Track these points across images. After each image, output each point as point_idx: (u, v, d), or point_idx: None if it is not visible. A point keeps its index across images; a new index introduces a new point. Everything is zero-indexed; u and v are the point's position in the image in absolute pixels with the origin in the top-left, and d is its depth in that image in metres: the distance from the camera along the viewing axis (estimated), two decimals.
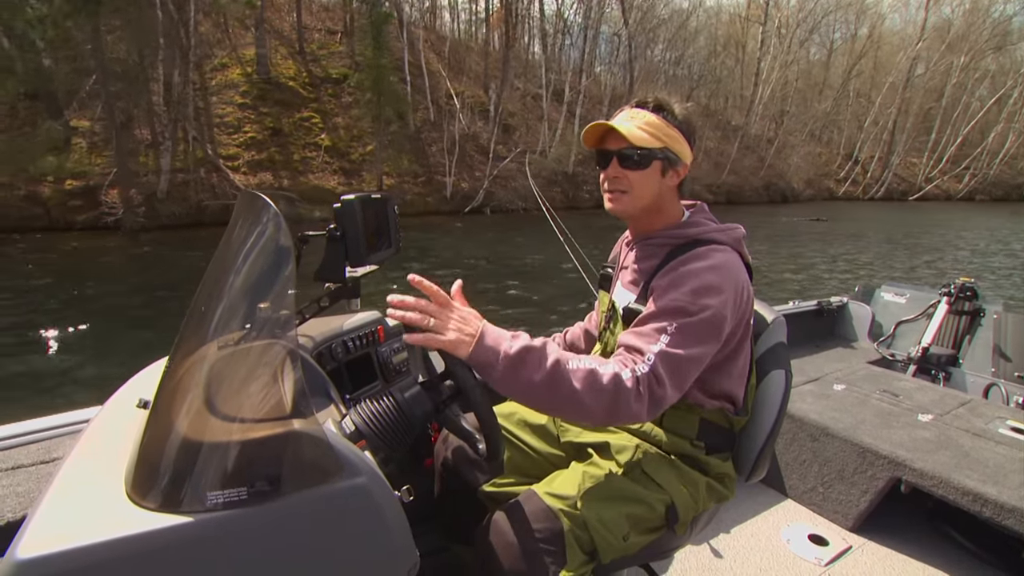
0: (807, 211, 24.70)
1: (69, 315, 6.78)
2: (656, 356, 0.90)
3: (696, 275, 0.97)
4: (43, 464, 1.15)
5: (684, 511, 1.04)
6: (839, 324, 3.21)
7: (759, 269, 11.53)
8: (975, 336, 2.86)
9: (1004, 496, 1.51)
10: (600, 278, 1.30)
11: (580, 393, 0.85)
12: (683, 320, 0.93)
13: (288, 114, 17.03)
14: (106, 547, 0.56)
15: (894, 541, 1.78)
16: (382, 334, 1.38)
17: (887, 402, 2.17)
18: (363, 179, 16.85)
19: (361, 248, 1.11)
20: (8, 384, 5.00)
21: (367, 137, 17.55)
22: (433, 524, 1.30)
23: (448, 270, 9.56)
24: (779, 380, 1.15)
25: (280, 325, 0.69)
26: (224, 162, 14.82)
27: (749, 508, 1.94)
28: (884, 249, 14.88)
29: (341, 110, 18.19)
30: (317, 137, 17.02)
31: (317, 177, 16.18)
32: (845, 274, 11.10)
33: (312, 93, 18.05)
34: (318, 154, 16.64)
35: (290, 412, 0.65)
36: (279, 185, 15.10)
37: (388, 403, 0.84)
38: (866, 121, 36.33)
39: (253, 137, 15.94)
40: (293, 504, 0.63)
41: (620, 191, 1.06)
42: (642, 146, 1.01)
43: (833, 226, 19.80)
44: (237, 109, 16.12)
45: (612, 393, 0.86)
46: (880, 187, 35.34)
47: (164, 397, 0.70)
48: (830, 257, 13.16)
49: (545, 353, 0.86)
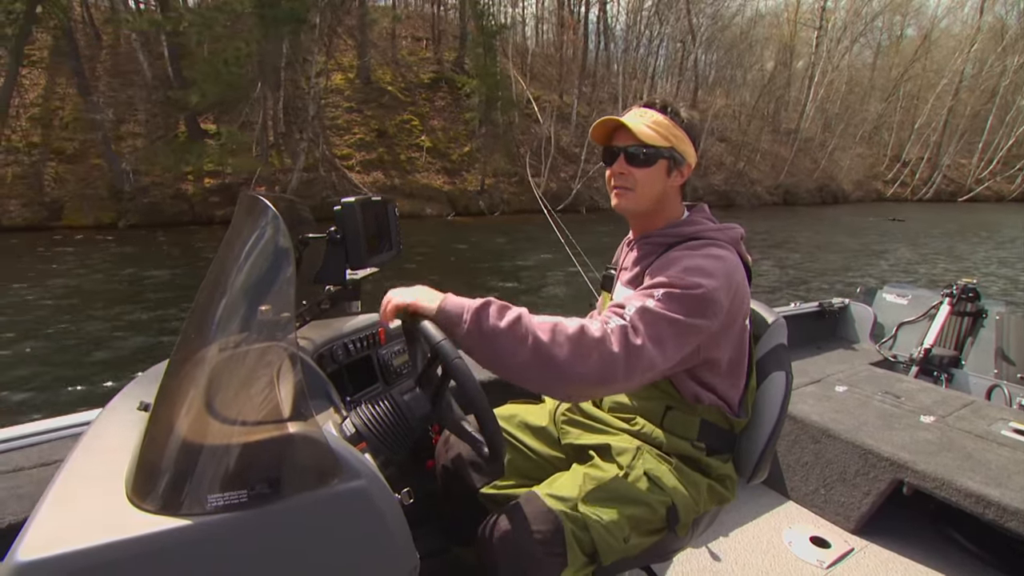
0: (859, 211, 25.90)
1: None
2: (635, 311, 0.90)
3: (688, 258, 0.98)
4: (44, 467, 1.15)
5: (685, 513, 1.04)
6: (841, 325, 3.21)
7: (925, 257, 12.79)
8: (977, 337, 2.85)
9: (1007, 498, 1.51)
10: (603, 279, 1.31)
11: (545, 342, 0.83)
12: (670, 289, 0.93)
13: (389, 117, 18.40)
14: (107, 549, 0.56)
15: (896, 543, 1.78)
16: (383, 336, 1.39)
17: (889, 403, 2.16)
18: (464, 178, 18.14)
19: (361, 251, 1.12)
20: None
21: (463, 139, 19.07)
22: (434, 526, 1.30)
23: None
24: (780, 382, 1.14)
25: (280, 327, 0.69)
26: (339, 162, 16.18)
27: (750, 510, 1.93)
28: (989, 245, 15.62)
29: (435, 113, 19.68)
30: (418, 139, 18.35)
31: (423, 176, 17.41)
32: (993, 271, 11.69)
33: (408, 97, 19.55)
34: (421, 155, 17.96)
35: (290, 415, 0.65)
36: (391, 184, 16.44)
37: (388, 405, 0.84)
38: (917, 123, 36.49)
39: (362, 139, 17.36)
40: (293, 507, 0.63)
41: (626, 188, 1.07)
42: (649, 144, 1.02)
43: (911, 225, 20.41)
44: (344, 113, 17.50)
45: (576, 340, 0.84)
46: (929, 188, 35.43)
47: (164, 400, 0.71)
48: (952, 253, 14.03)
49: (509, 307, 0.87)
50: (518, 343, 0.84)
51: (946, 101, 35.75)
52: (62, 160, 13.28)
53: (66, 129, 13.77)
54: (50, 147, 13.33)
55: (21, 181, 12.54)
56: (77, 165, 13.28)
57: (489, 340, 0.84)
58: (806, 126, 31.71)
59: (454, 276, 8.78)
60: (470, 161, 18.42)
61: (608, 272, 1.29)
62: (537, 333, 0.84)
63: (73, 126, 13.78)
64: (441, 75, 20.42)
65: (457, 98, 19.75)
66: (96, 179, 13.10)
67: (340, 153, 16.50)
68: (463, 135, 19.09)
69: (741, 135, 28.32)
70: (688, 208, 1.15)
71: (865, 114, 35.30)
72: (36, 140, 13.25)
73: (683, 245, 1.04)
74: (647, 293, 0.93)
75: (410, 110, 19.04)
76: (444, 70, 20.69)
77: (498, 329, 0.84)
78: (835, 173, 31.88)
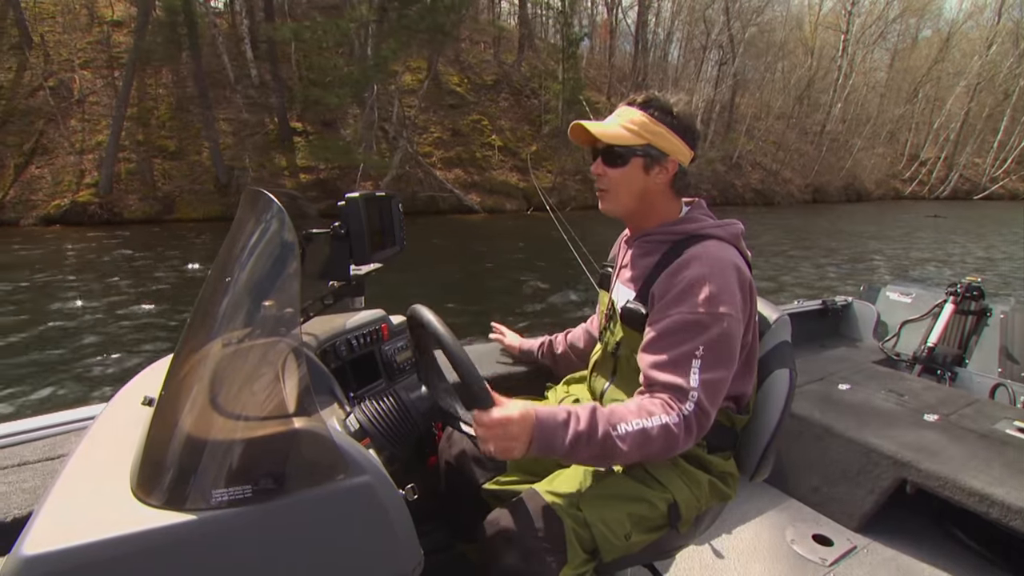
0: (888, 208, 27.78)
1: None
2: (699, 390, 0.91)
3: (702, 281, 0.95)
4: (48, 461, 1.15)
5: (686, 510, 1.04)
6: (844, 323, 3.20)
7: (1011, 255, 13.45)
8: (981, 336, 2.84)
9: (1011, 497, 1.50)
10: (600, 277, 1.30)
11: (632, 454, 0.89)
12: (705, 337, 0.93)
13: (460, 117, 19.44)
14: (111, 544, 0.56)
15: (899, 542, 1.78)
16: (386, 332, 1.38)
17: (892, 402, 2.16)
18: (536, 176, 19.35)
19: (366, 246, 1.11)
20: None
21: (528, 139, 20.41)
22: (437, 522, 1.30)
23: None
24: (783, 379, 1.14)
25: (284, 323, 0.69)
26: (423, 159, 17.16)
27: (753, 508, 1.93)
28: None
29: (501, 114, 20.82)
30: (489, 138, 19.44)
31: (499, 173, 18.45)
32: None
33: (475, 98, 20.60)
34: (493, 153, 19.02)
35: (294, 410, 0.66)
36: (471, 180, 17.59)
37: (392, 401, 0.84)
38: (935, 123, 37.73)
39: (439, 137, 18.38)
40: (297, 502, 0.63)
41: (603, 189, 1.08)
42: (617, 144, 1.02)
43: (957, 223, 21.26)
44: (420, 112, 18.20)
45: (663, 443, 0.89)
46: (946, 187, 36.54)
47: (169, 394, 0.71)
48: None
49: (595, 430, 0.87)
50: (610, 462, 0.94)
51: (964, 102, 36.67)
52: (166, 157, 14.24)
53: (164, 128, 14.76)
54: (153, 144, 14.26)
55: (134, 177, 13.55)
56: (180, 162, 14.25)
57: (580, 462, 0.95)
58: (831, 127, 32.83)
59: (551, 258, 9.71)
60: (537, 159, 19.69)
61: (605, 270, 1.28)
62: (624, 450, 0.88)
63: (170, 124, 14.82)
64: (502, 77, 21.82)
65: (519, 99, 21.24)
66: (200, 175, 14.11)
67: (422, 151, 17.44)
68: (528, 135, 20.44)
69: (778, 136, 29.66)
70: (686, 204, 1.13)
71: (887, 115, 36.30)
72: (140, 138, 14.18)
73: (687, 251, 1.00)
74: (688, 353, 0.93)
75: (478, 110, 20.09)
76: (504, 72, 22.05)
77: (590, 461, 0.93)
78: (858, 172, 33.13)
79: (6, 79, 14.53)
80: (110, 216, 12.83)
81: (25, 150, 13.38)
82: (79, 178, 13.17)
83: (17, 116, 13.97)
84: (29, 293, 7.25)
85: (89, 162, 13.52)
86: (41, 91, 14.43)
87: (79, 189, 12.98)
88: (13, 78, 14.64)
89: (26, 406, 4.06)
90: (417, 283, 7.51)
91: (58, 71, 15.00)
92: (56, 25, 15.97)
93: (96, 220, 12.66)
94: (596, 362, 1.22)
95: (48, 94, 14.32)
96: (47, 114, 14.11)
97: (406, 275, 7.54)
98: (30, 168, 13.21)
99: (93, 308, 6.63)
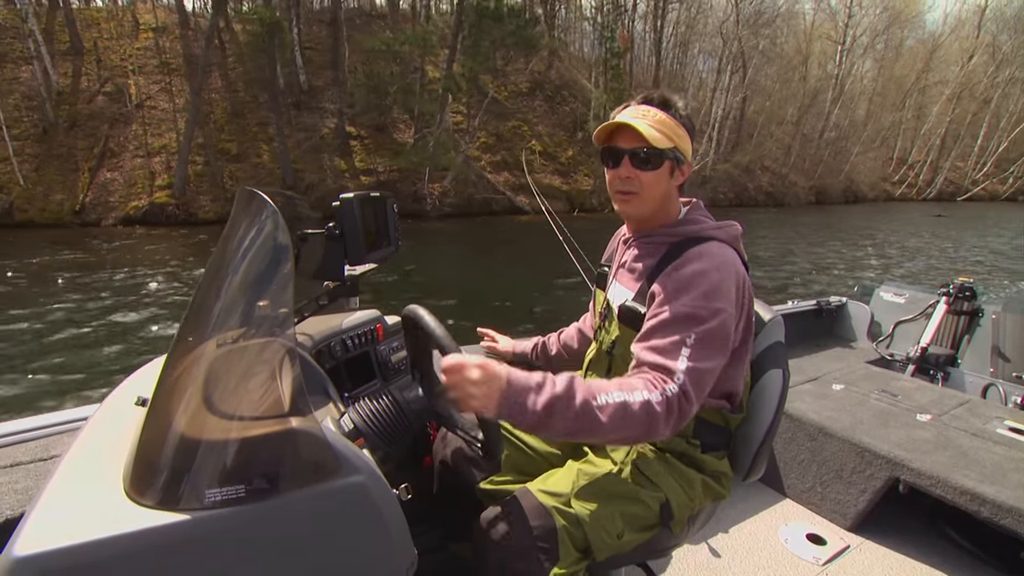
0: (888, 209, 29.40)
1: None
2: (685, 374, 0.89)
3: (702, 276, 0.95)
4: (41, 461, 1.15)
5: (679, 509, 1.04)
6: (838, 324, 3.21)
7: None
8: (974, 336, 2.86)
9: (1002, 496, 1.51)
10: (596, 276, 1.29)
11: (612, 428, 0.84)
12: (699, 328, 0.92)
13: (501, 122, 20.28)
14: (104, 544, 0.56)
15: (892, 541, 1.79)
16: (381, 333, 1.39)
17: (886, 402, 2.17)
18: (575, 179, 20.17)
19: (360, 246, 1.11)
20: None
21: (565, 143, 21.26)
22: (431, 522, 1.30)
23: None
24: (776, 379, 1.15)
25: (279, 323, 0.69)
26: (473, 162, 17.98)
27: (747, 507, 1.94)
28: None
29: (537, 119, 21.69)
30: (529, 143, 20.27)
31: (542, 176, 19.16)
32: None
33: (514, 105, 21.53)
34: (535, 157, 19.82)
35: (288, 410, 0.66)
36: (519, 183, 18.15)
37: (386, 401, 0.85)
38: (922, 129, 39.74)
39: (485, 142, 19.22)
40: (291, 502, 0.63)
41: (631, 192, 1.03)
42: (656, 146, 0.98)
43: (958, 222, 22.54)
44: (464, 118, 18.93)
45: (644, 421, 0.85)
46: (932, 189, 38.44)
47: (162, 395, 0.70)
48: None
49: (572, 396, 0.82)
50: (586, 434, 0.85)
51: (947, 110, 38.73)
52: (229, 159, 14.81)
53: (223, 131, 15.35)
54: (215, 148, 14.78)
55: (203, 179, 14.12)
56: (243, 164, 14.85)
57: (555, 434, 0.86)
58: (829, 134, 34.35)
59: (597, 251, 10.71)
60: (575, 163, 20.53)
61: (602, 270, 1.27)
62: (602, 420, 0.83)
63: (228, 128, 15.46)
64: (536, 85, 22.85)
65: (552, 105, 22.22)
66: (264, 176, 14.72)
67: (471, 155, 18.20)
68: (565, 140, 21.33)
69: (783, 141, 30.96)
70: (683, 204, 1.13)
71: (879, 122, 38.26)
72: (200, 141, 14.66)
73: (688, 252, 1.00)
74: (679, 340, 0.91)
75: (517, 116, 21.08)
76: (536, 80, 23.03)
77: (564, 430, 0.83)
78: (854, 175, 34.63)
79: (64, 85, 15.00)
80: (186, 216, 13.34)
81: (95, 153, 13.87)
82: (150, 180, 13.74)
83: (82, 121, 14.46)
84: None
85: (157, 164, 14.08)
86: (99, 96, 14.92)
87: (152, 191, 13.51)
88: (71, 84, 15.11)
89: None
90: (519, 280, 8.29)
91: (111, 76, 15.47)
92: (103, 31, 16.47)
93: (174, 220, 13.17)
94: (591, 361, 1.22)
95: (107, 99, 14.82)
96: (109, 118, 14.61)
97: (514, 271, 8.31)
98: (102, 171, 13.71)
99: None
